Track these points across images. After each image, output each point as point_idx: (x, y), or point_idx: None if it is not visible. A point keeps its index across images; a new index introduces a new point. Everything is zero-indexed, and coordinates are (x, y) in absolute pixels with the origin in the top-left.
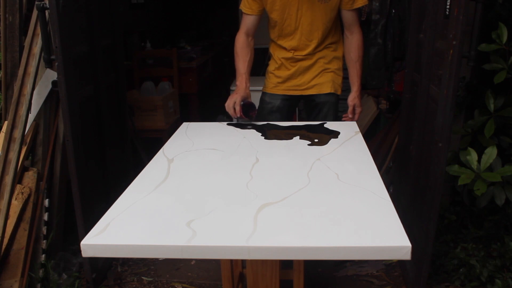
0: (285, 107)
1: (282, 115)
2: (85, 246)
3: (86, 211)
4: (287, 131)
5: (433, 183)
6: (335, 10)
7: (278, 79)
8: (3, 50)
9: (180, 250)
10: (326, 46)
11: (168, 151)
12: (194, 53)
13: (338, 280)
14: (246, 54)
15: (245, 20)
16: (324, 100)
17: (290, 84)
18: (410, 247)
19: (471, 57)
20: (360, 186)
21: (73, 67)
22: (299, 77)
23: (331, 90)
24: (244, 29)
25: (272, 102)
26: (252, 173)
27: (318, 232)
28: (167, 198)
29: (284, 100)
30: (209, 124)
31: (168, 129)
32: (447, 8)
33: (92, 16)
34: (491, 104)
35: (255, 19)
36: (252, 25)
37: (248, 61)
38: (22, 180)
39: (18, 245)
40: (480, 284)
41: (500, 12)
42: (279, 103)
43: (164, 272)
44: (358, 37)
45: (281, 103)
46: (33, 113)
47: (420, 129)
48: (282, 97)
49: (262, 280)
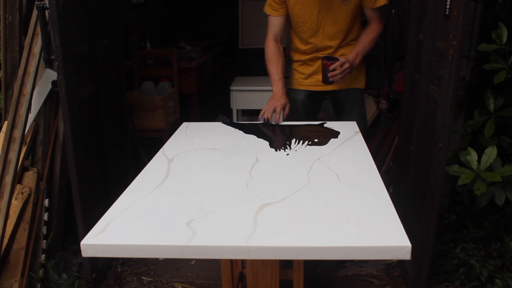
0: (309, 103)
1: (306, 110)
2: (85, 246)
3: (86, 211)
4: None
5: (433, 183)
6: (357, 10)
7: (301, 75)
8: (3, 50)
9: (180, 250)
10: (348, 43)
11: (168, 151)
12: (194, 53)
13: (338, 280)
14: (279, 60)
15: (271, 23)
16: (347, 96)
17: (313, 79)
18: (410, 247)
19: (471, 57)
20: (360, 186)
21: (73, 67)
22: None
23: (353, 85)
24: (272, 35)
25: (296, 97)
26: (252, 173)
27: (318, 232)
28: (167, 198)
29: (308, 95)
30: (209, 124)
31: (168, 129)
32: (447, 8)
33: (92, 16)
34: (491, 104)
35: (281, 21)
36: (279, 29)
37: (281, 66)
38: (22, 180)
39: (18, 245)
40: (480, 284)
41: (500, 12)
42: (303, 97)
43: (164, 272)
44: (374, 27)
45: (305, 98)
46: (33, 113)
47: (420, 129)
48: (306, 93)
49: (262, 280)
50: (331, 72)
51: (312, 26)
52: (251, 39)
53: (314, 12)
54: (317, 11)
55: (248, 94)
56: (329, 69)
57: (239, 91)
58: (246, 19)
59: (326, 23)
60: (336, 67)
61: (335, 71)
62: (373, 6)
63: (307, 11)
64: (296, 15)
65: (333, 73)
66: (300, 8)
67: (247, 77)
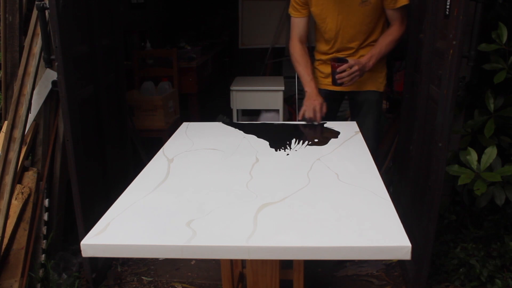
0: (328, 103)
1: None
2: (85, 246)
3: (86, 211)
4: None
5: (433, 183)
6: (377, 11)
7: (321, 74)
8: (3, 50)
9: (180, 250)
10: (369, 44)
11: (168, 151)
12: (194, 53)
13: (338, 280)
14: (307, 61)
15: (295, 24)
16: (365, 98)
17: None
18: (410, 247)
19: (471, 57)
20: (360, 186)
21: (73, 67)
22: None
23: (371, 88)
24: (297, 37)
25: None
26: (252, 173)
27: (318, 232)
28: (167, 198)
29: (327, 95)
30: (209, 124)
31: (168, 129)
32: (447, 8)
33: (92, 16)
34: (491, 104)
35: (304, 23)
36: (303, 30)
37: (309, 67)
38: (22, 180)
39: (18, 245)
40: (480, 284)
41: (500, 12)
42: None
43: (164, 272)
44: (395, 28)
45: (324, 97)
46: (33, 113)
47: (420, 129)
48: (325, 92)
49: (262, 280)
50: (339, 74)
51: (332, 27)
52: (251, 39)
53: (334, 14)
54: (337, 12)
55: (248, 94)
56: (336, 71)
57: (239, 91)
58: (246, 19)
59: (347, 25)
60: (345, 69)
61: (343, 73)
62: (394, 6)
63: (327, 13)
64: (317, 16)
65: (341, 75)
66: (320, 10)
67: (247, 77)
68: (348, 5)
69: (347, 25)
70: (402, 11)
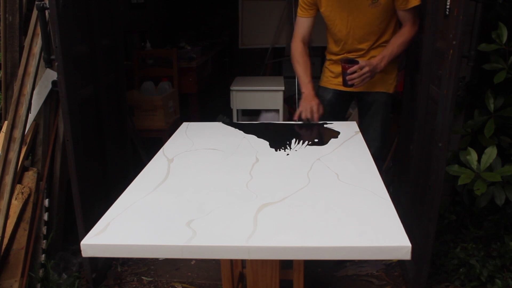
0: (336, 103)
1: (333, 109)
2: (85, 246)
3: (86, 211)
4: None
5: (433, 183)
6: (388, 12)
7: (331, 73)
8: (3, 50)
9: (180, 250)
10: (380, 45)
11: (168, 151)
12: (194, 53)
13: (338, 280)
14: (306, 61)
15: (299, 24)
16: (373, 99)
17: (341, 79)
18: (410, 247)
19: (471, 57)
20: (360, 186)
21: (73, 67)
22: None
23: (380, 89)
24: (300, 37)
25: (323, 95)
26: (252, 173)
27: (318, 232)
28: (167, 198)
29: (335, 95)
30: (209, 124)
31: (168, 129)
32: (447, 8)
33: (92, 16)
34: (491, 104)
35: (309, 23)
36: (307, 31)
37: (309, 68)
38: (22, 180)
39: (18, 245)
40: (480, 284)
41: (500, 12)
42: (330, 96)
43: (164, 272)
44: (406, 29)
45: (333, 97)
46: (33, 113)
47: (420, 129)
48: (334, 92)
49: (262, 280)
50: (349, 75)
51: (342, 28)
52: (251, 39)
53: (344, 15)
54: (346, 13)
55: (248, 94)
56: (347, 72)
57: (239, 91)
58: (246, 19)
59: (356, 26)
60: (356, 70)
61: (353, 74)
62: (405, 7)
63: (337, 14)
64: (327, 17)
65: (351, 76)
66: (330, 11)
67: (247, 77)
68: (357, 6)
69: (356, 26)
70: (413, 12)
